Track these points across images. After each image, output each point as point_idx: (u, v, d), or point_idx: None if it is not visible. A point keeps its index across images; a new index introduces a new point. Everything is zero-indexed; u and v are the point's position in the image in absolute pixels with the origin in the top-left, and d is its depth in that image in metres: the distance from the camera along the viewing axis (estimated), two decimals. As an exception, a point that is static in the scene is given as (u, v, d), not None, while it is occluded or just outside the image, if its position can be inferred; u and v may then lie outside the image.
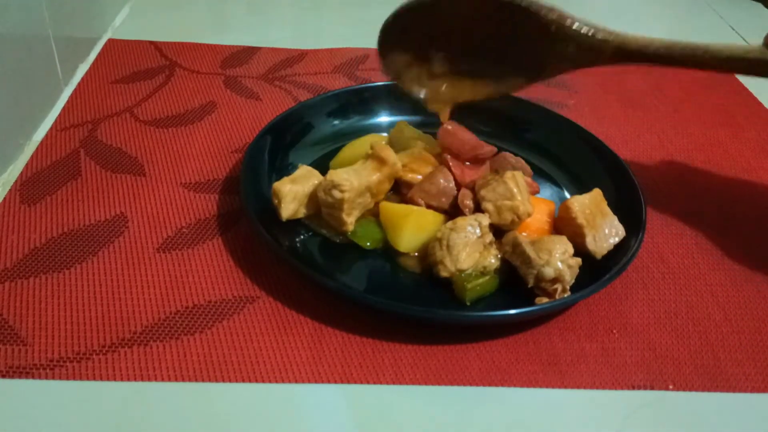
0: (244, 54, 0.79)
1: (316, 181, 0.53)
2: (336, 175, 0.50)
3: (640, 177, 0.56)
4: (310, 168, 0.54)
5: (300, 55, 0.80)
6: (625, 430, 0.42)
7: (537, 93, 0.75)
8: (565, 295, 0.47)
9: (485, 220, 0.49)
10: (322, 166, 0.57)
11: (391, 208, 0.52)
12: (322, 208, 0.52)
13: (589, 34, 0.50)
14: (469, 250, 0.48)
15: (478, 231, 0.48)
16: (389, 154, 0.53)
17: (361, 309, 0.47)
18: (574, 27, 0.50)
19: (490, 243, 0.49)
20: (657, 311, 0.50)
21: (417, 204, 0.53)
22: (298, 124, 0.62)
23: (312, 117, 0.63)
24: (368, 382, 0.43)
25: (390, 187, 0.54)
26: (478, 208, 0.51)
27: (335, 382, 0.43)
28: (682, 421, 0.43)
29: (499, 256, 0.49)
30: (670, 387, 0.45)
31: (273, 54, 0.80)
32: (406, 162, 0.55)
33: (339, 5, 0.95)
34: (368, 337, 0.46)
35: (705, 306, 0.51)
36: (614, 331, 0.48)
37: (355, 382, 0.43)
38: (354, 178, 0.50)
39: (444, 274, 0.48)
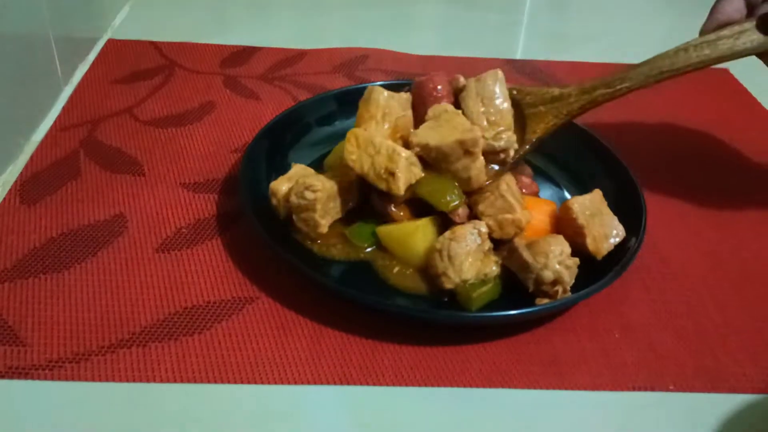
0: (244, 54, 0.79)
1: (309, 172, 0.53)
2: (306, 178, 0.50)
3: (640, 177, 0.56)
4: (304, 166, 0.54)
5: (299, 55, 0.80)
6: (625, 431, 0.42)
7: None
8: (566, 296, 0.47)
9: (484, 227, 0.48)
10: (322, 166, 0.57)
11: (394, 231, 0.50)
12: (294, 216, 0.51)
13: (549, 87, 0.55)
14: (471, 260, 0.47)
15: (478, 239, 0.48)
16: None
17: (361, 309, 0.47)
18: (533, 87, 0.55)
19: (489, 249, 0.49)
20: (658, 312, 0.50)
21: (391, 213, 0.51)
22: (297, 124, 0.61)
23: (311, 117, 0.63)
24: (368, 384, 0.43)
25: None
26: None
27: (335, 383, 0.43)
28: (683, 422, 0.43)
29: (499, 262, 0.49)
30: (671, 388, 0.45)
31: (272, 54, 0.79)
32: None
33: (339, 5, 0.94)
34: (368, 338, 0.46)
35: (705, 307, 0.51)
36: (615, 332, 0.48)
37: (355, 384, 0.43)
38: (326, 180, 0.50)
39: (448, 285, 0.47)
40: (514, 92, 0.54)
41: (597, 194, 0.52)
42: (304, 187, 0.50)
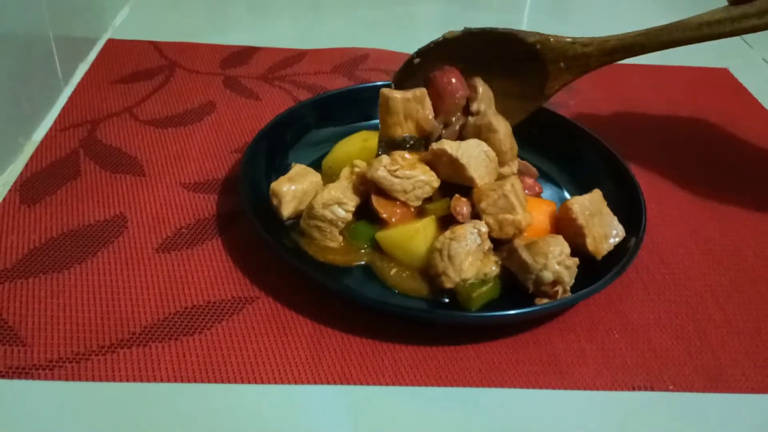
0: (244, 54, 0.79)
1: (314, 179, 0.53)
2: (337, 190, 0.50)
3: (640, 177, 0.56)
4: (304, 166, 0.54)
5: (299, 55, 0.80)
6: (625, 431, 0.42)
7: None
8: (566, 296, 0.47)
9: (484, 226, 0.48)
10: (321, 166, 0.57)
11: (394, 235, 0.50)
12: (308, 220, 0.51)
13: (571, 41, 0.56)
14: (471, 259, 0.47)
15: (478, 239, 0.48)
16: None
17: (361, 309, 0.47)
18: (556, 40, 0.56)
19: (489, 249, 0.49)
20: (657, 312, 0.50)
21: (380, 214, 0.51)
22: (297, 124, 0.61)
23: (311, 117, 0.62)
24: (368, 383, 0.43)
25: None
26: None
27: (335, 383, 0.43)
28: (683, 422, 0.43)
29: (498, 262, 0.49)
30: (671, 388, 0.45)
31: (272, 54, 0.79)
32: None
33: (339, 5, 0.94)
34: (368, 338, 0.46)
35: (705, 307, 0.51)
36: (614, 332, 0.48)
37: (355, 383, 0.43)
38: (351, 198, 0.51)
39: (448, 285, 0.47)
40: (538, 46, 0.56)
41: (597, 194, 0.52)
42: (336, 201, 0.50)
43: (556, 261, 0.46)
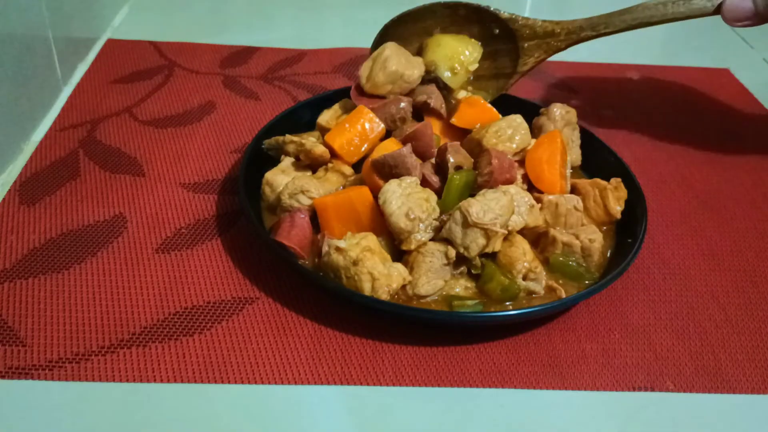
0: (244, 54, 0.79)
1: (306, 172, 0.54)
2: (301, 179, 0.51)
3: (640, 177, 0.56)
4: (293, 159, 0.55)
5: (299, 55, 0.80)
6: (625, 431, 0.42)
7: (538, 93, 0.75)
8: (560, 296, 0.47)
9: (452, 252, 0.47)
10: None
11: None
12: (282, 213, 0.51)
13: (542, 21, 0.60)
14: (431, 276, 0.47)
15: (443, 259, 0.47)
16: (347, 166, 0.54)
17: (361, 310, 0.47)
18: (526, 19, 0.60)
19: (461, 273, 0.48)
20: (658, 312, 0.50)
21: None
22: (297, 124, 0.61)
23: (311, 117, 0.62)
24: (368, 384, 0.43)
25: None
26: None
27: (335, 383, 0.43)
28: (683, 423, 0.43)
29: (468, 287, 0.48)
30: (671, 388, 0.45)
31: (272, 54, 0.79)
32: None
33: (339, 5, 0.94)
34: (368, 338, 0.46)
35: (706, 307, 0.51)
36: (615, 332, 0.48)
37: (355, 384, 0.43)
38: (316, 187, 0.51)
39: (402, 297, 0.47)
40: (510, 23, 0.59)
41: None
42: (300, 190, 0.51)
43: (521, 275, 0.47)
